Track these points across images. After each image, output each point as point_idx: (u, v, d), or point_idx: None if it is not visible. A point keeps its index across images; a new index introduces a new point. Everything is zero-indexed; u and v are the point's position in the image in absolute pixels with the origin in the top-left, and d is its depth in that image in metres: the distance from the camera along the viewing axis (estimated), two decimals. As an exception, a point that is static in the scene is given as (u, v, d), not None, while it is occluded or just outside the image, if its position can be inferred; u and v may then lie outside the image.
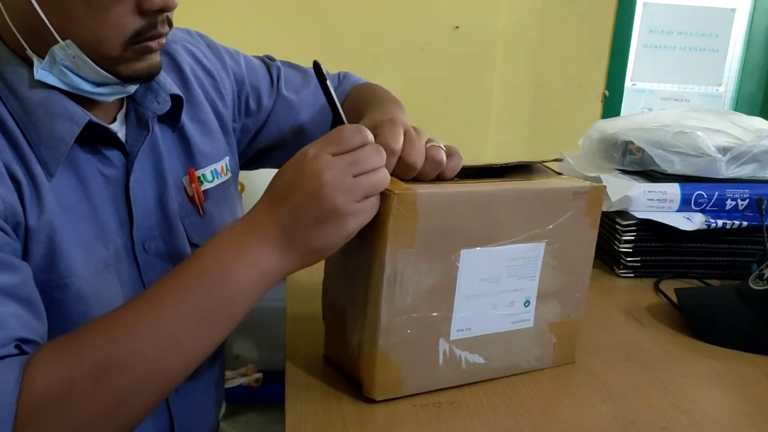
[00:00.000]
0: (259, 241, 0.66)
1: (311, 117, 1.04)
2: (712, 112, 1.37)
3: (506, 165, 0.81)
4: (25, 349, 0.64)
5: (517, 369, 0.82)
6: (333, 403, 0.75)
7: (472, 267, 0.74)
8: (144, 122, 0.81)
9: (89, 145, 0.76)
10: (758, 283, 0.97)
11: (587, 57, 2.53)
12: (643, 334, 0.98)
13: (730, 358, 0.92)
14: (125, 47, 0.71)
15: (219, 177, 0.91)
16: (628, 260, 1.18)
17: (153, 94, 0.82)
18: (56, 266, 0.70)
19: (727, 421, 0.77)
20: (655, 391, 0.83)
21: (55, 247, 0.70)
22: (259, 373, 2.09)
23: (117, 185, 0.79)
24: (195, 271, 0.66)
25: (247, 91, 0.99)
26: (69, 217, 0.72)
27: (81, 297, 0.72)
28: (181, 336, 0.65)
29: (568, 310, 0.83)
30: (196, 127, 0.89)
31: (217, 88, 0.95)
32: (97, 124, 0.74)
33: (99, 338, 0.63)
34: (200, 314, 0.65)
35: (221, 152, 0.93)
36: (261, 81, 1.01)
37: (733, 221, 1.17)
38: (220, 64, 0.97)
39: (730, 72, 2.70)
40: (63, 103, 0.72)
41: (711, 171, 1.20)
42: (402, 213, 0.68)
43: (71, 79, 0.72)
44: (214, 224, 0.89)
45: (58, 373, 0.61)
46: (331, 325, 0.82)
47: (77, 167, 0.75)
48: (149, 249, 0.81)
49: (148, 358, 0.63)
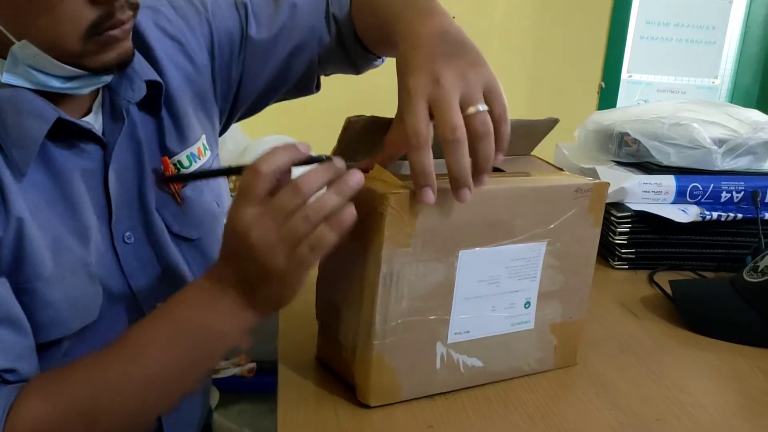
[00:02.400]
0: (225, 294, 0.67)
1: (292, 43, 0.93)
2: (709, 104, 1.37)
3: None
4: (7, 378, 0.65)
5: (517, 372, 0.80)
6: (327, 407, 0.74)
7: (471, 268, 0.72)
8: (119, 111, 0.78)
9: (64, 140, 0.73)
10: (753, 275, 0.97)
11: (584, 48, 2.53)
12: (638, 326, 0.98)
13: (724, 350, 0.92)
14: (85, 40, 0.67)
15: (197, 160, 0.87)
16: (623, 252, 1.18)
17: (128, 81, 0.78)
18: (22, 271, 0.68)
19: (721, 412, 0.78)
20: (649, 382, 0.83)
21: (22, 252, 0.68)
22: (253, 363, 2.08)
23: (95, 178, 0.76)
24: (173, 322, 0.68)
25: (219, 47, 0.90)
26: (39, 219, 0.69)
27: (47, 302, 0.69)
28: (165, 385, 0.68)
29: (569, 311, 0.81)
30: (168, 110, 0.84)
31: (186, 53, 0.87)
32: (66, 120, 0.71)
33: (85, 386, 0.66)
34: (182, 364, 0.68)
35: (195, 132, 0.87)
36: (232, 29, 0.91)
37: (728, 213, 1.17)
38: (185, 25, 0.88)
39: (726, 64, 2.71)
40: (30, 99, 0.69)
41: (706, 163, 1.19)
42: (398, 214, 0.66)
43: (38, 78, 0.68)
44: (194, 211, 0.85)
45: (44, 419, 0.63)
46: (325, 324, 0.80)
47: (52, 164, 0.72)
48: (129, 241, 0.79)
49: (133, 409, 0.67)
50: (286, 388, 0.77)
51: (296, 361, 0.82)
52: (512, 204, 0.73)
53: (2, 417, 0.62)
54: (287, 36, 0.92)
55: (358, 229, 0.66)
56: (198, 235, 0.86)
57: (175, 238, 0.83)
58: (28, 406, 0.63)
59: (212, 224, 0.88)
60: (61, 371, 0.67)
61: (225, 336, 0.68)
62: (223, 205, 0.92)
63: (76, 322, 0.72)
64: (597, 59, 2.54)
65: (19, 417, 0.62)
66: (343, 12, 0.93)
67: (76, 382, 0.65)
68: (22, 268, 0.68)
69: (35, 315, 0.69)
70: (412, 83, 0.66)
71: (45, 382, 0.66)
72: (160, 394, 0.68)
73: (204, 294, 0.68)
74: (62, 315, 0.70)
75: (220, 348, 0.69)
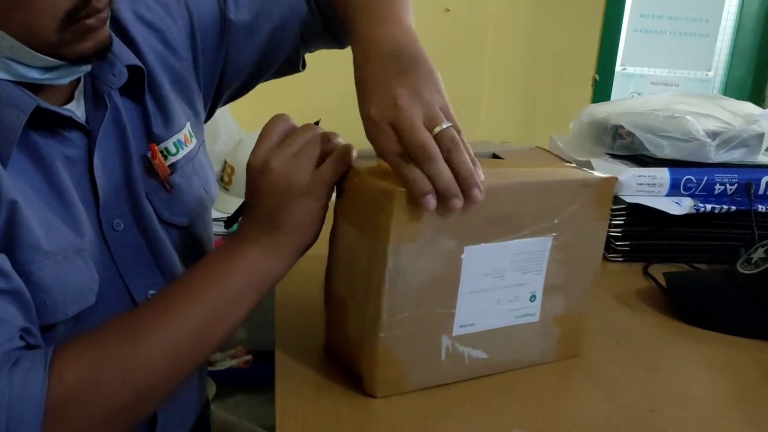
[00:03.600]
0: (252, 243, 0.73)
1: (274, 22, 0.92)
2: (702, 97, 1.37)
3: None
4: (28, 340, 0.66)
5: (520, 363, 0.81)
6: (325, 397, 0.74)
7: (476, 263, 0.73)
8: (100, 97, 0.77)
9: (47, 129, 0.72)
10: (746, 267, 0.98)
11: (578, 41, 2.53)
12: (632, 318, 0.99)
13: (717, 342, 0.92)
14: (62, 30, 0.66)
15: (184, 147, 0.86)
16: (618, 244, 1.18)
17: (109, 66, 0.77)
18: (15, 255, 0.68)
19: (715, 404, 0.78)
20: (644, 374, 0.83)
21: (14, 236, 0.68)
22: (249, 355, 2.09)
23: (81, 166, 0.76)
24: (200, 275, 0.73)
25: (200, 33, 0.90)
26: (29, 205, 0.69)
27: (41, 285, 0.69)
28: (196, 334, 0.71)
29: (573, 304, 0.82)
30: (151, 97, 0.84)
31: (165, 41, 0.86)
32: (46, 109, 0.70)
33: (122, 339, 0.68)
34: (210, 312, 0.71)
35: (181, 119, 0.87)
36: (211, 14, 0.90)
37: (722, 206, 1.18)
38: (164, 11, 0.87)
39: (719, 57, 2.71)
40: (8, 89, 0.68)
41: (700, 155, 1.20)
42: (405, 210, 0.66)
43: (16, 70, 0.68)
44: (183, 197, 0.85)
45: (84, 370, 0.65)
46: (333, 315, 0.80)
47: (36, 153, 0.71)
48: (118, 228, 0.79)
49: (168, 356, 0.69)
50: (284, 378, 0.77)
51: (294, 351, 0.82)
52: (518, 199, 0.73)
53: (46, 369, 0.63)
54: (267, 16, 0.92)
55: (366, 223, 0.67)
56: (188, 222, 0.86)
57: (165, 225, 0.83)
58: (70, 357, 0.65)
59: (201, 211, 0.89)
60: (96, 329, 0.69)
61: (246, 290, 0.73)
62: (210, 191, 0.92)
63: (70, 307, 0.72)
64: (591, 52, 2.54)
65: (64, 368, 0.64)
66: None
67: (112, 334, 0.69)
68: (16, 252, 0.68)
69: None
70: (373, 111, 0.67)
71: (83, 338, 0.68)
72: (191, 341, 0.71)
73: (229, 248, 0.74)
74: (56, 300, 0.70)
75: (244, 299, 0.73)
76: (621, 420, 0.73)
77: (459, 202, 0.66)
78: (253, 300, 0.73)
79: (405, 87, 0.67)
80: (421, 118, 0.66)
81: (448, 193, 0.65)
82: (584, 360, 0.85)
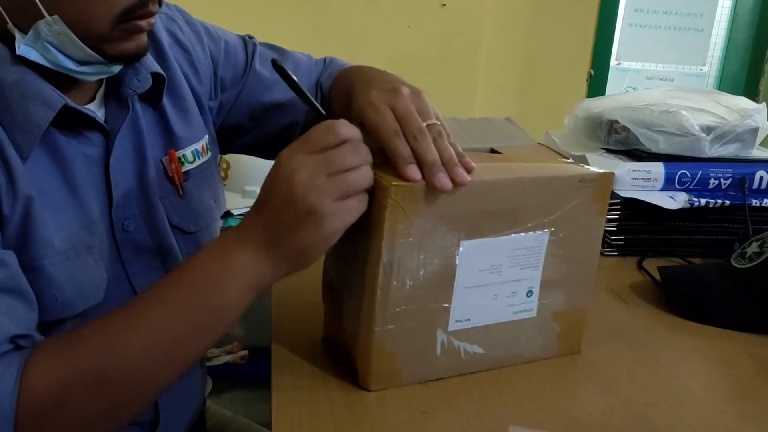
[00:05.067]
0: (246, 246, 0.66)
1: (289, 96, 0.99)
2: (697, 92, 1.37)
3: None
4: (20, 343, 0.66)
5: (519, 359, 0.81)
6: (321, 392, 0.74)
7: (472, 258, 0.73)
8: (124, 101, 0.80)
9: (68, 127, 0.74)
10: (740, 261, 0.98)
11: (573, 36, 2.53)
12: (627, 312, 0.99)
13: (712, 336, 0.93)
14: (114, 25, 0.69)
15: (200, 157, 0.89)
16: (613, 239, 1.19)
17: (133, 72, 0.80)
18: (28, 249, 0.69)
19: (709, 397, 0.79)
20: (639, 368, 0.84)
21: (28, 231, 0.69)
22: (245, 351, 2.09)
23: (98, 165, 0.77)
24: (185, 282, 0.67)
25: (222, 68, 0.96)
26: (44, 201, 0.70)
27: (52, 281, 0.70)
28: (173, 346, 0.67)
29: (573, 300, 0.82)
30: (175, 106, 0.87)
31: (191, 63, 0.91)
32: (72, 108, 0.72)
33: (95, 347, 0.65)
34: (190, 325, 0.67)
35: (200, 131, 0.91)
36: (237, 57, 0.98)
37: (716, 200, 1.18)
38: (196, 38, 0.93)
39: (714, 51, 2.71)
40: (37, 85, 0.70)
41: (695, 150, 1.20)
42: (399, 205, 0.66)
43: (54, 56, 0.70)
44: (194, 205, 0.87)
45: (56, 378, 0.64)
46: (330, 309, 0.80)
47: (56, 150, 0.73)
48: (129, 228, 0.80)
49: (142, 368, 0.66)
50: (280, 373, 0.77)
51: (289, 346, 0.82)
52: (515, 194, 0.73)
53: (17, 376, 0.62)
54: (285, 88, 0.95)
55: (362, 218, 0.67)
56: (195, 229, 0.88)
57: (174, 230, 0.84)
58: (41, 364, 0.64)
59: (209, 220, 0.91)
60: (73, 331, 0.67)
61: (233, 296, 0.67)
62: (219, 203, 0.94)
63: (79, 304, 0.73)
64: (586, 47, 2.54)
65: (33, 377, 0.63)
66: (327, 84, 1.00)
67: (87, 340, 0.66)
68: (29, 246, 0.69)
69: (39, 294, 0.70)
70: (374, 95, 0.71)
71: (56, 342, 0.67)
72: (166, 354, 0.67)
73: (217, 252, 0.68)
74: (66, 295, 0.71)
75: (228, 309, 0.67)
76: (617, 414, 0.74)
77: (445, 177, 0.67)
78: (237, 311, 0.68)
79: (406, 86, 0.72)
80: (415, 109, 0.69)
81: (435, 167, 0.67)
82: (580, 354, 0.85)
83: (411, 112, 0.69)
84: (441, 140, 0.69)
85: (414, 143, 0.67)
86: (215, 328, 0.68)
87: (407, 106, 0.69)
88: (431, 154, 0.67)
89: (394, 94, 0.70)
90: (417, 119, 0.68)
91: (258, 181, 2.01)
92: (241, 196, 1.91)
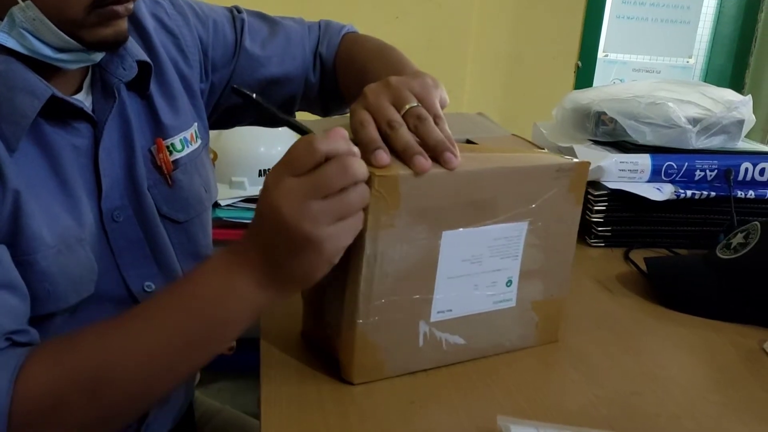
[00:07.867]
0: (247, 270, 0.65)
1: (283, 70, 0.98)
2: (684, 84, 1.38)
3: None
4: (16, 339, 0.65)
5: (499, 348, 0.81)
6: (310, 384, 0.74)
7: (454, 248, 0.73)
8: (110, 90, 0.79)
9: (55, 117, 0.73)
10: (725, 252, 0.99)
11: (561, 28, 2.53)
12: (613, 303, 1.00)
13: (697, 326, 0.94)
14: (89, 10, 0.67)
15: (189, 145, 0.88)
16: (599, 230, 1.19)
17: (119, 60, 0.79)
18: (19, 244, 0.68)
19: (694, 385, 0.79)
20: (625, 357, 0.84)
21: (18, 225, 0.68)
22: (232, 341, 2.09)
23: (86, 156, 0.77)
24: (188, 294, 0.67)
25: (212, 48, 0.94)
26: (33, 193, 0.69)
27: (45, 274, 0.70)
28: (172, 358, 0.67)
29: (551, 289, 0.82)
30: (162, 94, 0.86)
31: (179, 47, 0.90)
32: (60, 98, 0.71)
33: (93, 353, 0.65)
34: (190, 338, 0.67)
35: (189, 119, 0.90)
36: (226, 35, 0.96)
37: (702, 192, 1.19)
38: (183, 21, 0.91)
39: (700, 44, 2.73)
40: (24, 75, 0.69)
41: (681, 142, 1.21)
42: (382, 195, 0.66)
43: (31, 43, 0.68)
44: (183, 194, 0.87)
45: (52, 384, 0.63)
46: (311, 303, 0.80)
47: (44, 141, 0.72)
48: (118, 219, 0.79)
49: (139, 378, 0.66)
50: (269, 365, 0.77)
51: (278, 338, 0.82)
52: (495, 184, 0.73)
53: (12, 379, 0.62)
54: (278, 62, 0.97)
55: None
56: (185, 218, 0.87)
57: (163, 219, 0.84)
58: (37, 369, 0.63)
59: (199, 209, 0.90)
60: (71, 335, 0.67)
61: (236, 315, 0.66)
62: (210, 192, 0.93)
63: (72, 296, 0.72)
64: (574, 38, 2.55)
65: (29, 379, 0.63)
66: (329, 54, 0.99)
67: (85, 346, 0.65)
68: (20, 240, 0.68)
69: (32, 287, 0.69)
70: (354, 104, 0.71)
71: (54, 346, 0.66)
72: (164, 366, 0.67)
73: (221, 269, 0.66)
74: (59, 288, 0.71)
75: (230, 325, 0.67)
76: (603, 403, 0.74)
77: (423, 159, 0.66)
78: (238, 327, 0.67)
79: (379, 83, 0.71)
80: (387, 101, 0.69)
81: (409, 151, 0.66)
82: (566, 344, 0.86)
83: (379, 107, 0.68)
84: (421, 125, 0.68)
85: (387, 136, 0.67)
86: (214, 343, 0.68)
87: (376, 104, 0.69)
88: (401, 141, 0.66)
89: (364, 98, 0.70)
90: (385, 111, 0.68)
91: (245, 171, 2.02)
92: (228, 187, 1.90)
